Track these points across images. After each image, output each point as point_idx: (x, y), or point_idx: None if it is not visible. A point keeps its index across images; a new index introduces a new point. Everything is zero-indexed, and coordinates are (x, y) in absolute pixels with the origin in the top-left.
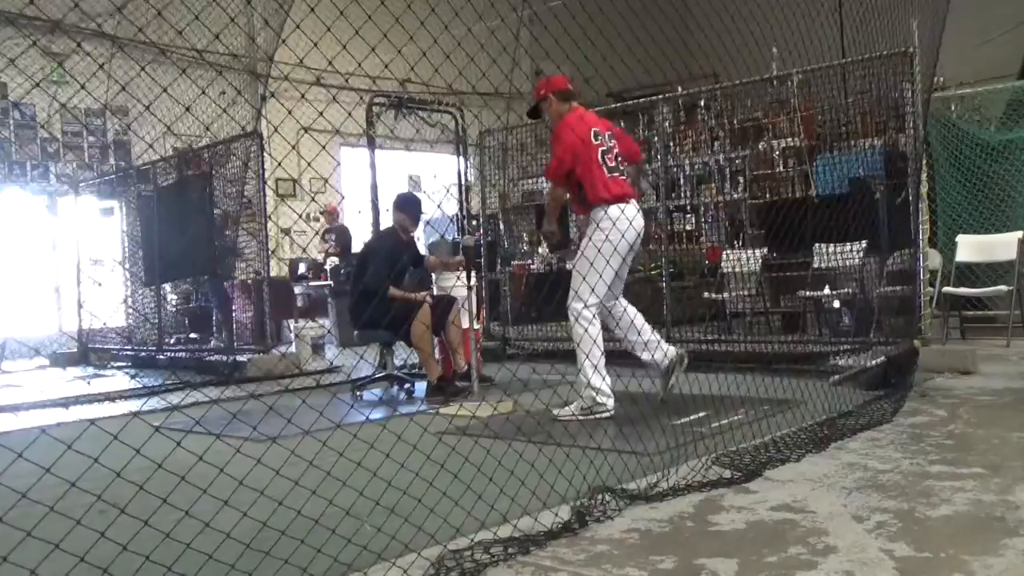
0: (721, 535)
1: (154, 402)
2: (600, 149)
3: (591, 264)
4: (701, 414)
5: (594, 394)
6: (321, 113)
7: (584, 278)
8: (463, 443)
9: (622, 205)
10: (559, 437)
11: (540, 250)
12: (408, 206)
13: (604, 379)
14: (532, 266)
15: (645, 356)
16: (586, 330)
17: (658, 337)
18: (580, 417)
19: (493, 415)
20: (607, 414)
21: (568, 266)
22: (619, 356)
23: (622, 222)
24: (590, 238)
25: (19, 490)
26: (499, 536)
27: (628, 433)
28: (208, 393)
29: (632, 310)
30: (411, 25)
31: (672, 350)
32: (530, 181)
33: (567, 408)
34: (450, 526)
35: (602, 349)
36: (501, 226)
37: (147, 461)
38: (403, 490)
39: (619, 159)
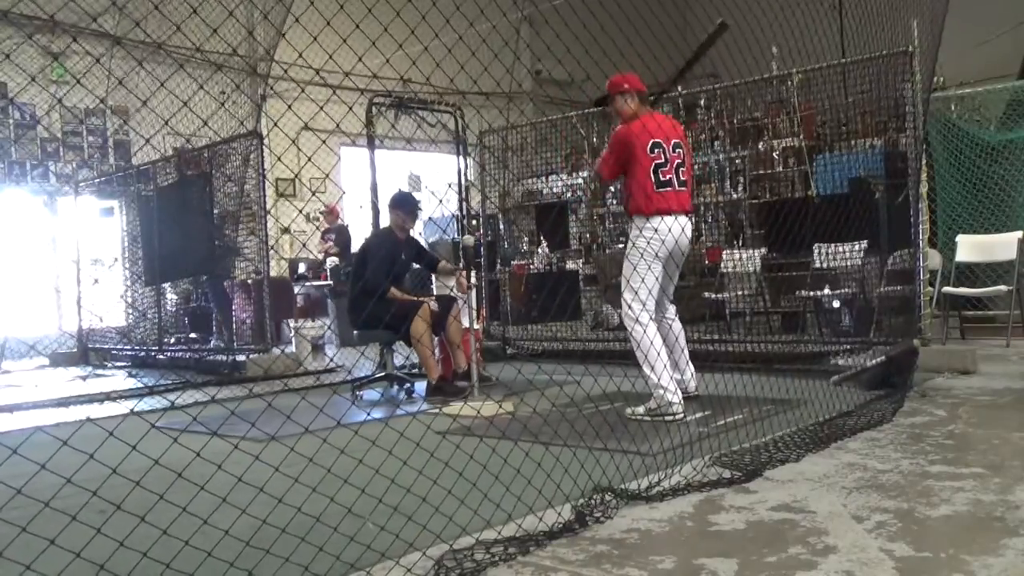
0: (721, 535)
1: (153, 401)
2: (655, 162)
3: (635, 268)
4: (701, 414)
5: (664, 393)
6: (321, 108)
7: (630, 283)
8: (463, 442)
9: (663, 216)
10: (559, 436)
11: (540, 249)
12: (404, 204)
13: (670, 379)
14: (532, 266)
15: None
16: (644, 332)
17: (691, 369)
18: (648, 418)
19: (493, 414)
20: (674, 418)
21: (570, 266)
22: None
23: (662, 230)
24: (634, 243)
25: (16, 488)
26: (500, 535)
27: (628, 433)
28: (208, 392)
29: (678, 328)
30: (411, 21)
31: (693, 384)
32: (531, 180)
33: (640, 408)
34: (455, 524)
35: (660, 348)
36: (501, 225)
37: (144, 458)
38: (406, 488)
39: (680, 170)
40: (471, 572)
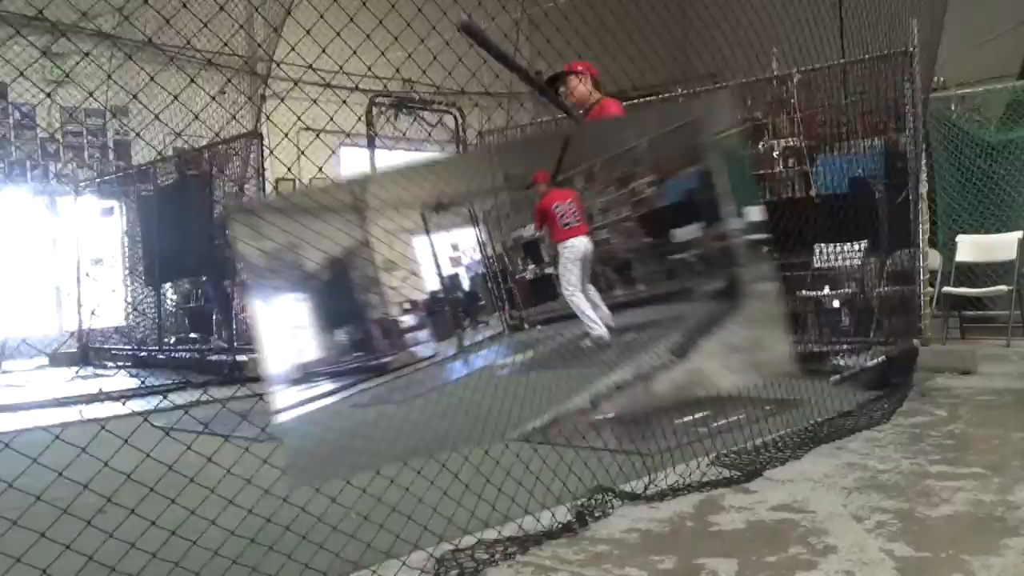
0: (721, 535)
1: (155, 401)
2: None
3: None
4: (701, 414)
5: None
6: (314, 101)
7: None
8: None
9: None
10: (560, 437)
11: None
12: None
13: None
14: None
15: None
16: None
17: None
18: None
19: None
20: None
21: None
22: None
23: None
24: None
25: (16, 489)
26: (500, 535)
27: (628, 433)
28: (209, 392)
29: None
30: (410, 19)
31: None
32: None
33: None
34: (455, 525)
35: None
36: None
37: (145, 459)
38: (405, 488)
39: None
40: (471, 571)
